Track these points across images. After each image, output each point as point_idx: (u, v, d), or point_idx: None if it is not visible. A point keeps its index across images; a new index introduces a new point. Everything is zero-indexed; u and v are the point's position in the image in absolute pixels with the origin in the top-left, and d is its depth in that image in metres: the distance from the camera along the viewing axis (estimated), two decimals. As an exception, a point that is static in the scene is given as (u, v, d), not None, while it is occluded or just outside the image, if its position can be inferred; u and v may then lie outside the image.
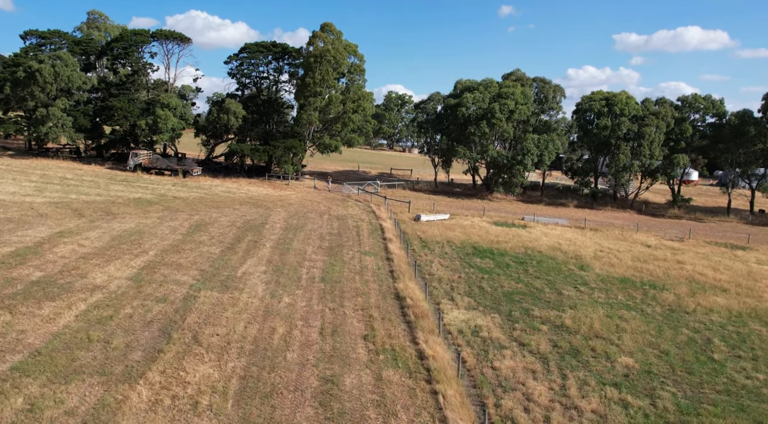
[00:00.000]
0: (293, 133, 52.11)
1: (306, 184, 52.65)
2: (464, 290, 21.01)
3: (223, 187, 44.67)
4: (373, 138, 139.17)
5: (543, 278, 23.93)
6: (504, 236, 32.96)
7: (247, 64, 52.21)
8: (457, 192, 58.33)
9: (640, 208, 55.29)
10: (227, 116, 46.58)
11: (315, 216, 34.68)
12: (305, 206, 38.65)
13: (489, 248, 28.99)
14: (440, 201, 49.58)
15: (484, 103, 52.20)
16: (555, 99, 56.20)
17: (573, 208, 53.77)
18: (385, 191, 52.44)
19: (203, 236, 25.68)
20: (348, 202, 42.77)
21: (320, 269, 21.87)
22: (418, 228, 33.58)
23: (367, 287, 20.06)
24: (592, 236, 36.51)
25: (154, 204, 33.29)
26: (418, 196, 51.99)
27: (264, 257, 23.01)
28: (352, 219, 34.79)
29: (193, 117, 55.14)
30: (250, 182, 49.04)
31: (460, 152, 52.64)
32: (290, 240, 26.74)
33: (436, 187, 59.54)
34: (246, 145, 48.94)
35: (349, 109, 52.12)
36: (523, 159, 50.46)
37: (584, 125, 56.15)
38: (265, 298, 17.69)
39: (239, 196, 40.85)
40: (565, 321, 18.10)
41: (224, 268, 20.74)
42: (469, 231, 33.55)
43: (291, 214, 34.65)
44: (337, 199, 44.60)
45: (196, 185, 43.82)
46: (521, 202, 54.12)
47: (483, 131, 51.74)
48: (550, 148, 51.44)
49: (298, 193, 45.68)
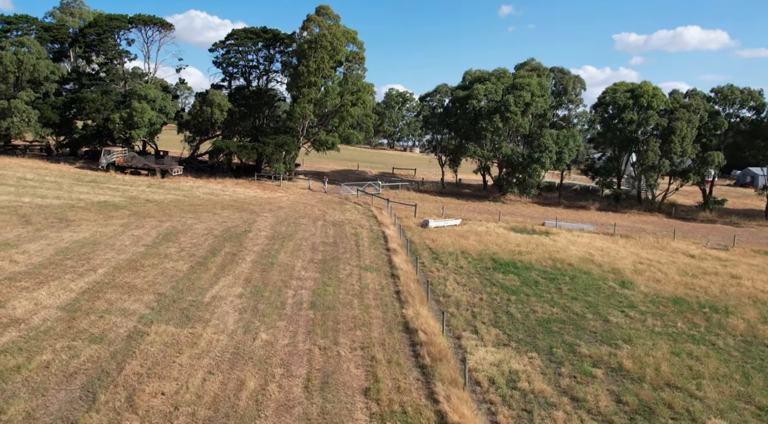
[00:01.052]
0: (285, 129, 48.61)
1: (300, 185, 49.13)
2: (489, 317, 17.45)
3: (205, 188, 41.15)
4: (374, 137, 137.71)
5: (581, 299, 20.37)
6: (526, 245, 29.41)
7: (235, 52, 48.72)
8: (467, 193, 54.79)
9: (668, 211, 51.75)
10: (211, 109, 43.10)
11: (308, 222, 31.15)
12: (297, 211, 35.12)
13: (511, 261, 25.43)
14: (449, 204, 46.05)
15: (497, 95, 48.71)
16: (575, 91, 52.69)
17: (595, 211, 50.27)
18: (388, 193, 48.92)
19: (171, 248, 22.13)
20: (346, 206, 39.24)
21: (310, 291, 18.32)
22: (427, 236, 30.03)
23: (368, 315, 16.51)
24: (625, 244, 32.95)
25: (121, 208, 29.76)
26: (424, 198, 48.47)
27: (242, 274, 19.46)
28: (350, 225, 31.26)
29: (176, 111, 51.65)
30: (236, 183, 45.52)
31: (470, 149, 49.15)
32: (276, 252, 23.19)
33: (444, 187, 56.02)
34: (232, 141, 45.44)
35: (348, 102, 48.64)
36: (541, 157, 46.95)
37: (607, 120, 52.61)
38: (237, 333, 14.14)
39: (222, 198, 37.32)
40: (623, 362, 14.54)
41: (190, 290, 17.19)
42: (486, 239, 30.01)
43: (280, 219, 31.11)
44: (334, 201, 41.08)
45: (174, 187, 40.31)
46: (538, 205, 50.60)
47: (496, 126, 48.23)
48: (571, 145, 47.94)
49: (290, 196, 42.17)
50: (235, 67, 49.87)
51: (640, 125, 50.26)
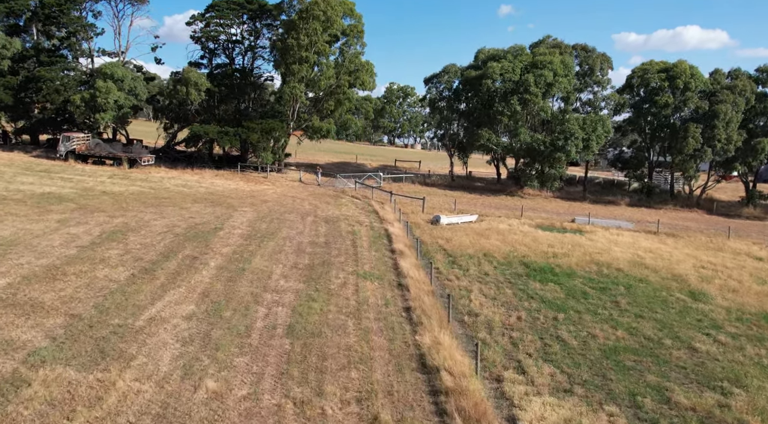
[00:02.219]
0: (274, 113, 44.29)
1: (290, 177, 44.80)
2: (536, 346, 13.12)
3: (178, 180, 36.82)
4: (373, 133, 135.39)
5: (648, 317, 16.07)
6: (560, 245, 25.10)
7: (215, 25, 44.30)
8: (479, 187, 50.44)
9: (708, 206, 47.37)
10: (186, 88, 38.74)
11: (295, 218, 26.82)
12: (284, 205, 30.79)
13: (547, 265, 21.10)
14: (460, 198, 41.72)
15: (515, 74, 44.32)
16: (602, 71, 48.27)
17: (625, 206, 45.91)
18: (390, 186, 44.57)
19: (113, 250, 17.80)
20: (342, 200, 34.90)
21: (289, 308, 14.00)
22: (439, 235, 25.70)
23: (368, 345, 12.21)
24: (674, 244, 28.62)
25: (66, 202, 25.43)
26: (432, 192, 44.12)
27: (199, 285, 15.14)
28: (346, 222, 26.93)
29: (151, 95, 47.32)
30: (216, 175, 41.19)
31: (483, 137, 44.75)
32: (251, 255, 18.87)
33: (453, 180, 51.68)
34: (212, 127, 41.10)
35: (345, 83, 44.28)
36: (566, 145, 42.57)
37: (638, 104, 48.20)
38: (171, 379, 9.82)
39: (196, 191, 32.99)
40: (747, 420, 10.21)
41: (119, 310, 12.86)
42: (511, 239, 25.68)
43: (262, 215, 26.78)
44: (328, 195, 36.76)
45: (142, 178, 35.98)
46: (560, 200, 46.24)
47: (513, 110, 43.84)
48: (599, 131, 43.56)
49: (277, 188, 37.84)
50: (215, 43, 45.48)
51: (677, 109, 45.88)
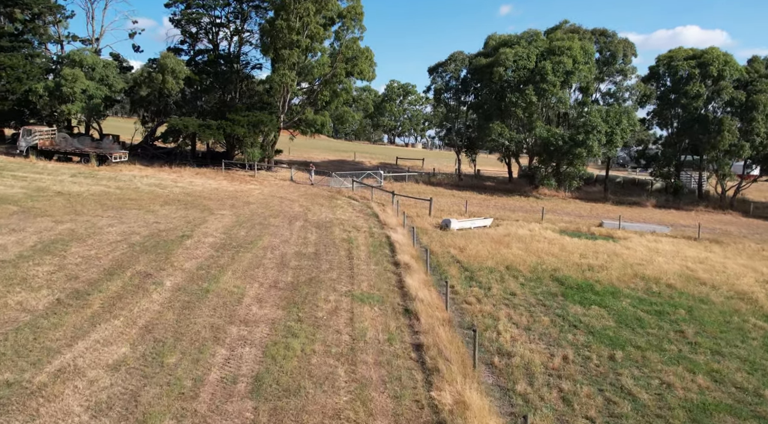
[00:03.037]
0: (262, 105, 41.03)
1: (280, 175, 41.49)
2: (596, 403, 9.80)
3: (153, 178, 33.51)
4: (373, 131, 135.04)
5: (728, 353, 12.79)
6: (593, 255, 21.84)
7: (197, 6, 40.99)
8: (489, 187, 47.13)
9: (744, 208, 44.07)
10: (162, 76, 35.42)
11: (281, 223, 23.52)
12: (270, 207, 27.49)
13: (585, 282, 17.80)
14: (470, 199, 38.43)
15: (529, 61, 41.04)
16: (625, 58, 44.99)
17: (652, 208, 42.63)
18: (392, 185, 41.27)
19: (43, 267, 14.49)
20: (337, 201, 31.60)
21: (259, 348, 10.71)
22: (451, 242, 22.38)
23: (365, 408, 8.90)
24: (723, 253, 25.31)
25: (7, 204, 22.12)
26: (438, 192, 40.84)
27: (143, 315, 11.83)
28: (341, 227, 23.63)
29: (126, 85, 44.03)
30: (197, 173, 37.88)
31: (494, 131, 41.45)
32: (220, 270, 15.57)
33: (460, 180, 48.37)
34: (192, 120, 37.79)
35: (341, 72, 41.00)
36: (587, 139, 39.27)
37: (664, 95, 44.92)
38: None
39: (171, 191, 29.69)
40: None
41: (20, 355, 9.59)
42: (534, 247, 22.41)
43: (242, 219, 23.48)
44: (322, 196, 33.46)
45: (110, 176, 32.68)
46: (580, 201, 42.94)
47: (528, 101, 40.56)
48: (624, 125, 40.27)
49: (264, 188, 34.54)
50: (197, 27, 42.20)
51: (709, 100, 42.60)
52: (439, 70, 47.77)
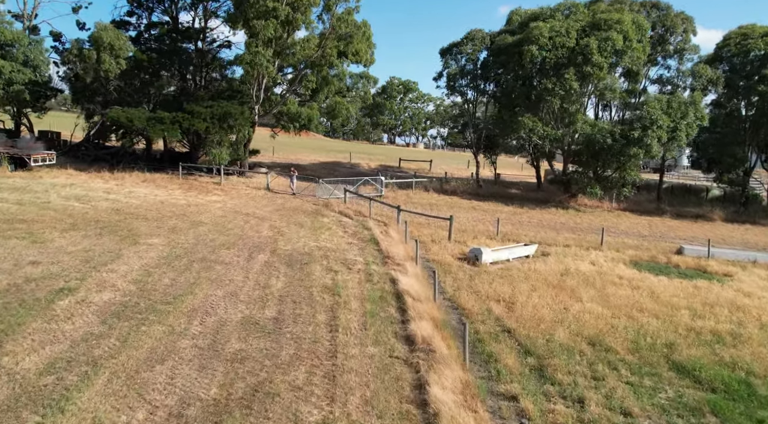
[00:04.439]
0: (232, 93, 34.35)
1: (254, 182, 34.76)
2: None
3: (79, 188, 26.77)
4: (372, 130, 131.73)
5: None
6: (706, 309, 15.45)
7: (149, -31, 34.30)
8: (516, 196, 40.38)
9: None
10: (98, 55, 28.70)
11: (235, 258, 16.79)
12: (226, 230, 20.73)
13: (732, 377, 11.12)
14: (496, 213, 31.79)
15: (569, 38, 34.37)
16: (684, 36, 38.32)
17: (722, 222, 35.91)
18: (396, 195, 34.58)
19: None
20: (323, 219, 24.86)
21: None
22: (490, 290, 15.67)
23: None
24: None
25: None
26: (455, 204, 34.16)
27: None
28: (324, 264, 16.92)
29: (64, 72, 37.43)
30: (145, 180, 31.12)
31: (525, 125, 34.74)
32: (83, 378, 8.86)
33: (479, 187, 41.61)
34: (137, 111, 31.04)
35: (331, 52, 34.32)
36: (644, 136, 32.55)
37: (732, 81, 38.20)
38: None
39: (94, 207, 22.94)
40: None
41: None
42: (614, 295, 15.88)
43: (175, 253, 16.74)
44: (305, 211, 26.73)
45: (19, 186, 25.96)
46: (631, 213, 36.23)
47: (568, 87, 33.92)
48: (690, 118, 33.57)
49: (230, 200, 27.82)
50: (150, -5, 35.43)
51: (793, 88, 35.93)
52: (453, 51, 41.03)
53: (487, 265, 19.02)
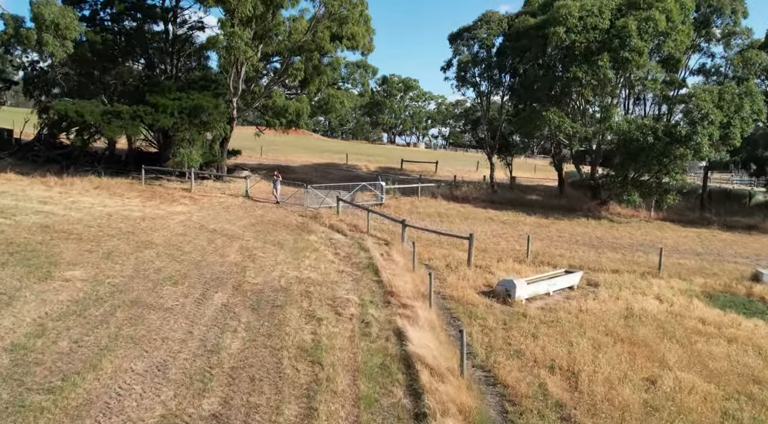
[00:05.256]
0: (206, 83, 30.20)
1: (232, 188, 30.55)
2: None
3: (9, 197, 22.56)
4: (371, 129, 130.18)
5: None
6: None
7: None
8: (536, 203, 36.15)
9: None
10: (38, 35, 24.50)
11: (182, 298, 12.61)
12: (181, 254, 16.51)
13: None
14: (517, 224, 27.68)
15: (602, 19, 30.21)
16: (733, 18, 34.14)
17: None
18: (399, 203, 30.39)
19: None
20: (310, 237, 20.62)
21: None
22: (535, 350, 11.45)
23: None
24: None
25: None
26: (468, 213, 29.96)
27: None
28: (304, 307, 12.75)
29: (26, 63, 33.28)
30: (99, 186, 26.89)
31: (550, 121, 30.53)
32: None
33: (494, 192, 37.36)
34: (91, 105, 26.81)
35: (323, 35, 30.16)
36: (692, 134, 28.37)
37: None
38: None
39: (19, 222, 18.72)
40: None
41: None
42: (708, 355, 11.66)
43: (102, 291, 12.55)
44: (288, 225, 22.49)
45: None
46: (674, 224, 32.04)
47: (602, 76, 29.75)
48: (746, 112, 29.39)
49: (197, 212, 23.62)
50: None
51: None
52: (464, 36, 36.76)
53: (522, 302, 14.82)
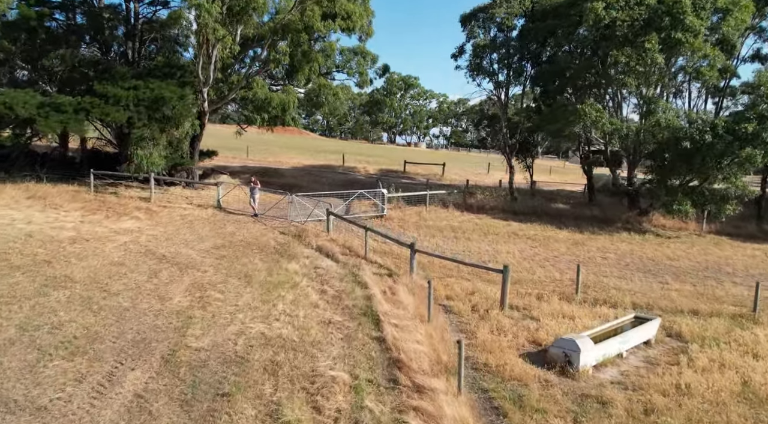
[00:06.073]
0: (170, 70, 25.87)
1: (203, 197, 26.21)
2: None
3: None
4: (371, 129, 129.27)
5: None
6: None
7: None
8: (564, 213, 31.76)
9: None
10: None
11: (69, 386, 8.21)
12: (105, 296, 12.17)
13: None
14: (549, 241, 23.41)
15: (648, -7, 25.90)
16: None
17: None
18: (404, 215, 26.07)
19: None
20: (289, 265, 16.18)
21: None
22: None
23: None
24: None
25: None
26: (487, 227, 25.58)
27: None
28: (261, 396, 8.43)
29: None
30: (33, 196, 22.51)
31: (587, 115, 26.17)
32: None
33: (514, 200, 32.92)
34: (26, 95, 22.46)
35: (313, 13, 25.78)
36: (762, 131, 24.04)
37: None
38: None
39: None
40: None
41: None
42: None
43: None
44: (262, 247, 18.08)
45: None
46: (731, 239, 27.71)
47: (649, 61, 25.47)
48: (823, 104, 25.03)
49: (151, 229, 19.27)
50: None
51: None
52: (479, 17, 32.33)
53: (589, 372, 10.53)
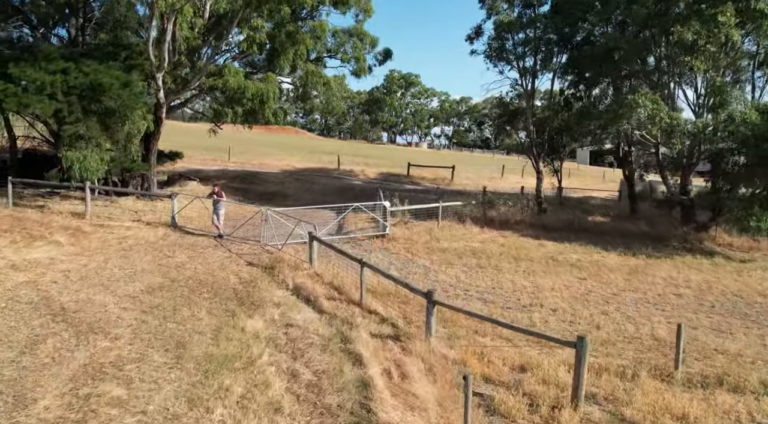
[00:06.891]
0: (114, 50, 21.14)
1: (159, 211, 21.40)
2: None
3: None
4: (370, 129, 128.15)
5: None
6: None
7: None
8: (604, 227, 26.96)
9: None
10: None
11: None
12: None
13: None
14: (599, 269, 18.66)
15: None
16: None
17: None
18: (410, 233, 21.16)
19: None
20: (247, 323, 11.31)
21: None
22: None
23: None
24: None
25: None
26: (516, 250, 20.76)
27: None
28: None
29: None
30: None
31: (640, 106, 21.40)
32: None
33: (542, 212, 28.05)
34: None
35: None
36: None
37: None
38: None
39: None
40: None
41: None
42: None
43: None
44: (218, 288, 13.19)
45: None
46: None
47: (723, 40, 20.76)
48: None
49: (73, 260, 14.50)
50: None
51: None
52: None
53: None
